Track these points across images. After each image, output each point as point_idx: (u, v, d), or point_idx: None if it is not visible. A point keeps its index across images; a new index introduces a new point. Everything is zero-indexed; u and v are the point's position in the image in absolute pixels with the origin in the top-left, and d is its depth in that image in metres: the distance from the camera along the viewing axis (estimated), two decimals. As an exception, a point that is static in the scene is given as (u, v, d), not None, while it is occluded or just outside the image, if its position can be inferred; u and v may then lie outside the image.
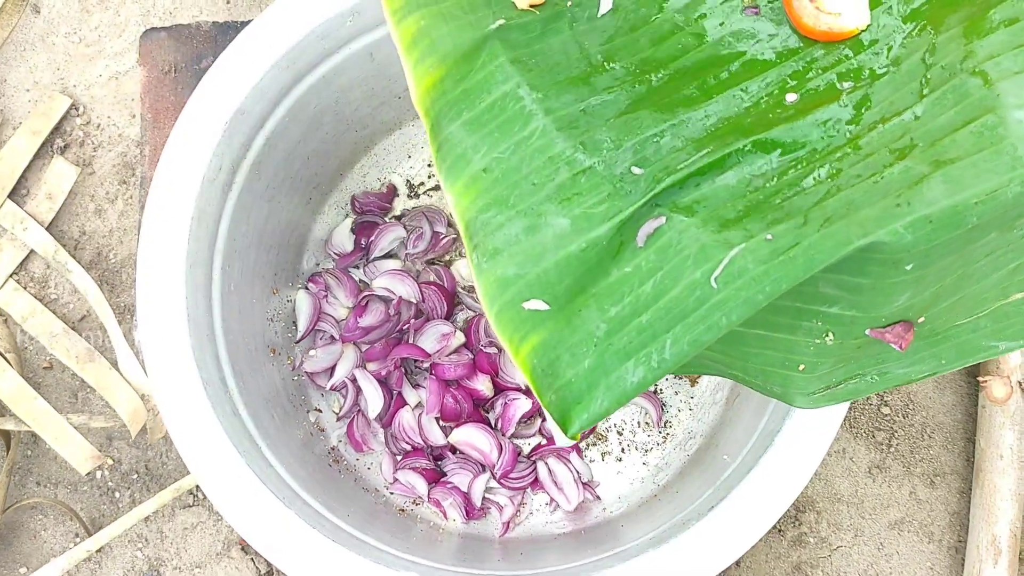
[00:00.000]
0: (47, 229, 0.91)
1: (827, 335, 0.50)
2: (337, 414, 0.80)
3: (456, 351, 0.78)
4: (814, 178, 0.47)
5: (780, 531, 0.88)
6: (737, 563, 0.88)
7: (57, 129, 0.93)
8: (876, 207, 0.44)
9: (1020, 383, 0.83)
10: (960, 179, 0.44)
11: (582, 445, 0.80)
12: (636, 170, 0.47)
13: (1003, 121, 0.44)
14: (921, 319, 0.50)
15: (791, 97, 0.49)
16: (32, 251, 0.91)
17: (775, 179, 0.47)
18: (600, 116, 0.49)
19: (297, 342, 0.79)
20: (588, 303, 0.47)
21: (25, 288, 0.91)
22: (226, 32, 0.85)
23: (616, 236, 0.47)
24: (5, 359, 0.87)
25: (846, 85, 0.48)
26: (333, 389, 0.79)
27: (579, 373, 0.47)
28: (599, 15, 0.52)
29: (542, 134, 0.48)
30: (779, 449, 0.60)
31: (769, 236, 0.45)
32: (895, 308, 0.49)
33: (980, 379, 0.85)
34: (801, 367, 0.52)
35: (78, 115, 0.93)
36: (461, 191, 0.47)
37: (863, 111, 0.48)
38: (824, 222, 0.45)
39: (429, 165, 0.83)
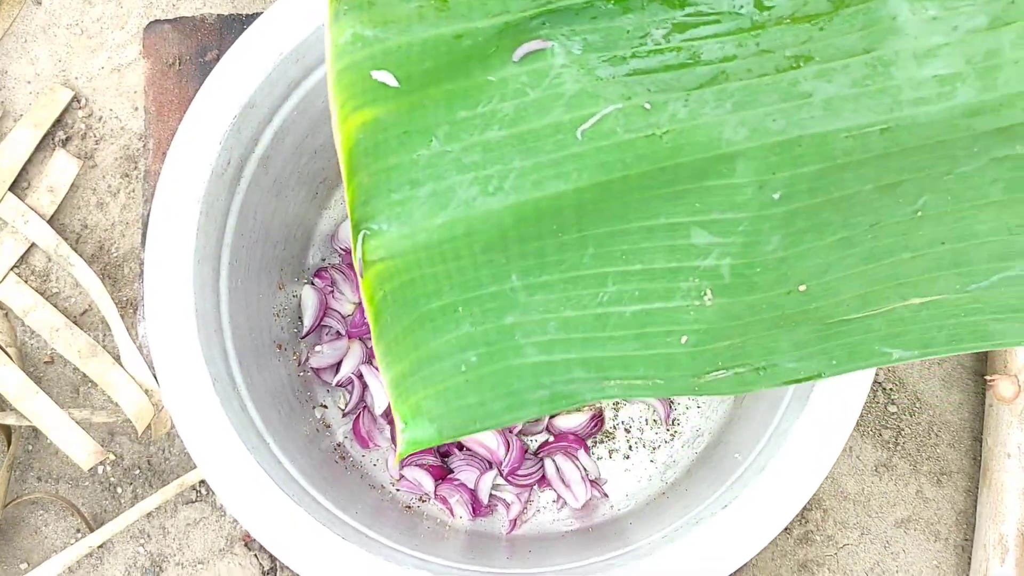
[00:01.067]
0: (48, 222, 0.91)
1: (705, 294, 0.49)
2: (343, 410, 0.79)
3: (463, 347, 0.78)
4: (707, 53, 0.45)
5: (786, 529, 0.88)
6: (743, 561, 0.88)
7: (59, 122, 0.92)
8: (751, 113, 0.43)
9: (1028, 382, 0.83)
10: (839, 109, 0.43)
11: (589, 443, 0.79)
12: None
13: (896, 60, 0.43)
14: (803, 286, 0.49)
15: None
16: (33, 244, 0.91)
17: (670, 39, 0.45)
18: None
19: (303, 338, 0.79)
20: (439, 98, 0.45)
21: (26, 282, 0.90)
22: (231, 25, 0.84)
23: (494, 40, 0.44)
24: (6, 353, 0.87)
25: None
26: (339, 385, 0.79)
27: (404, 163, 0.45)
28: None
29: None
30: (792, 448, 0.60)
31: (647, 105, 0.44)
32: (769, 256, 0.47)
33: (987, 378, 0.85)
34: (684, 339, 0.50)
35: (80, 107, 0.92)
36: None
37: None
38: (702, 110, 0.44)
39: (436, 160, 0.82)
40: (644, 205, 0.46)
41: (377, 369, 0.77)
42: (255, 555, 0.88)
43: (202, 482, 0.89)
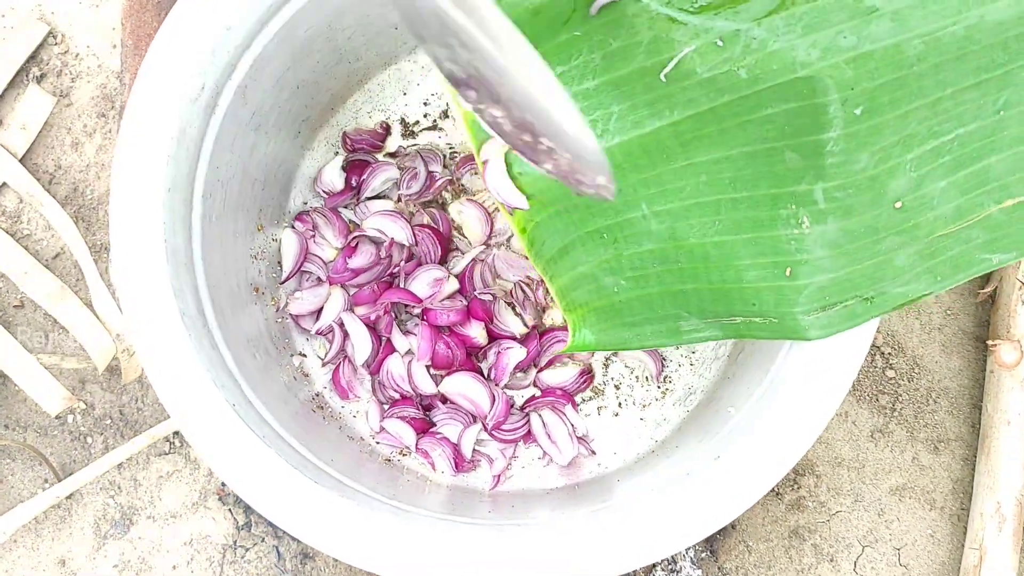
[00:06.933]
0: (20, 161, 0.87)
1: (803, 222, 0.51)
2: (322, 359, 0.76)
3: (449, 297, 0.75)
4: None
5: (778, 494, 0.85)
6: (733, 526, 0.85)
7: (33, 57, 0.88)
8: (822, 34, 0.45)
9: (1031, 347, 0.80)
10: (907, 18, 0.45)
11: (578, 399, 0.76)
12: None
13: None
14: (898, 203, 0.50)
15: None
16: (4, 184, 0.87)
17: None
18: None
19: (282, 283, 0.75)
20: None
21: (-4, 223, 0.87)
22: (214, -44, 0.80)
23: (570, 2, 0.49)
24: (-27, 296, 0.83)
25: None
26: (319, 333, 0.75)
27: None
28: None
29: None
30: (790, 396, 0.57)
31: (719, 41, 0.47)
32: (860, 175, 0.49)
33: (989, 343, 0.82)
34: (788, 270, 0.52)
35: (56, 43, 0.89)
36: None
37: None
38: (773, 38, 0.46)
39: (425, 104, 0.79)
40: (740, 130, 0.49)
41: (359, 317, 0.74)
42: (229, 509, 0.85)
43: (176, 434, 0.86)
